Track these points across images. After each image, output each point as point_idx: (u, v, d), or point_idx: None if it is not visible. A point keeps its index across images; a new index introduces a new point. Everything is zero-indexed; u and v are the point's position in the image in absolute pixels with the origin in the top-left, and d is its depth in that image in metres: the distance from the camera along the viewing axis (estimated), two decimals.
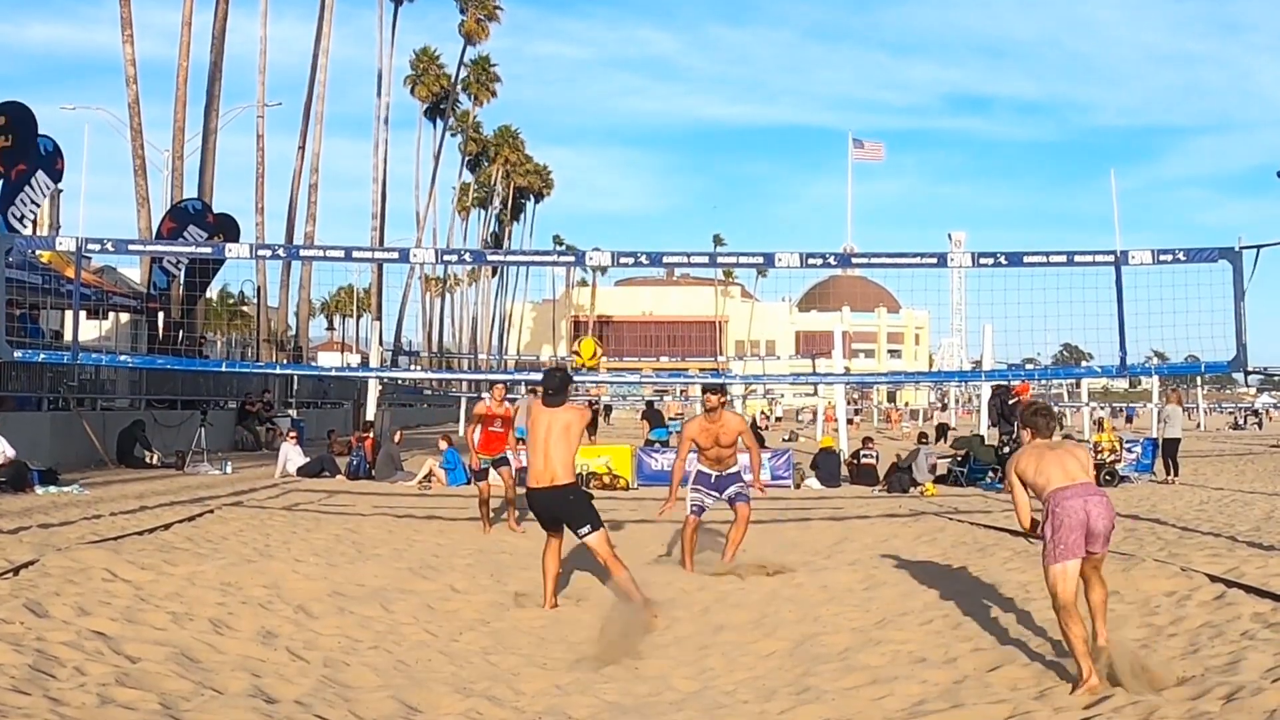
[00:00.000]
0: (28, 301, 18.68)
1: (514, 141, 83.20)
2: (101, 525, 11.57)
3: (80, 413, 20.77)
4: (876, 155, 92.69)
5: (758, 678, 6.42)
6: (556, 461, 8.06)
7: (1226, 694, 5.28)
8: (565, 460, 8.09)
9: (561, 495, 8.11)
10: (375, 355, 30.22)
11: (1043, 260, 11.85)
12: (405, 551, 11.15)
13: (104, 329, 27.77)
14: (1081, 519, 6.02)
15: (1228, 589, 7.82)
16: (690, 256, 14.56)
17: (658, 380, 49.16)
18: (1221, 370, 12.22)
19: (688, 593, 8.99)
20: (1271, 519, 13.29)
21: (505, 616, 8.03)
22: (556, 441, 8.07)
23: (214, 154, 32.36)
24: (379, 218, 49.90)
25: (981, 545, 11.43)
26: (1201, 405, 60.58)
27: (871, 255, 16.34)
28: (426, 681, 6.10)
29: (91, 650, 6.04)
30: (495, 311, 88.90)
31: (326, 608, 7.83)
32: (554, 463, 8.06)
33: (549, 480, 8.08)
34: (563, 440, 8.07)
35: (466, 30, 61.04)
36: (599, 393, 32.61)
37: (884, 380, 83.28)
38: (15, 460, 15.29)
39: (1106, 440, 21.28)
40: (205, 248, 19.55)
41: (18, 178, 20.40)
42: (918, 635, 7.31)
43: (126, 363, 19.78)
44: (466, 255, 29.94)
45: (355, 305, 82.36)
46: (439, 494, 18.16)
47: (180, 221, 26.74)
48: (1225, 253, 11.27)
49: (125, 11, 28.48)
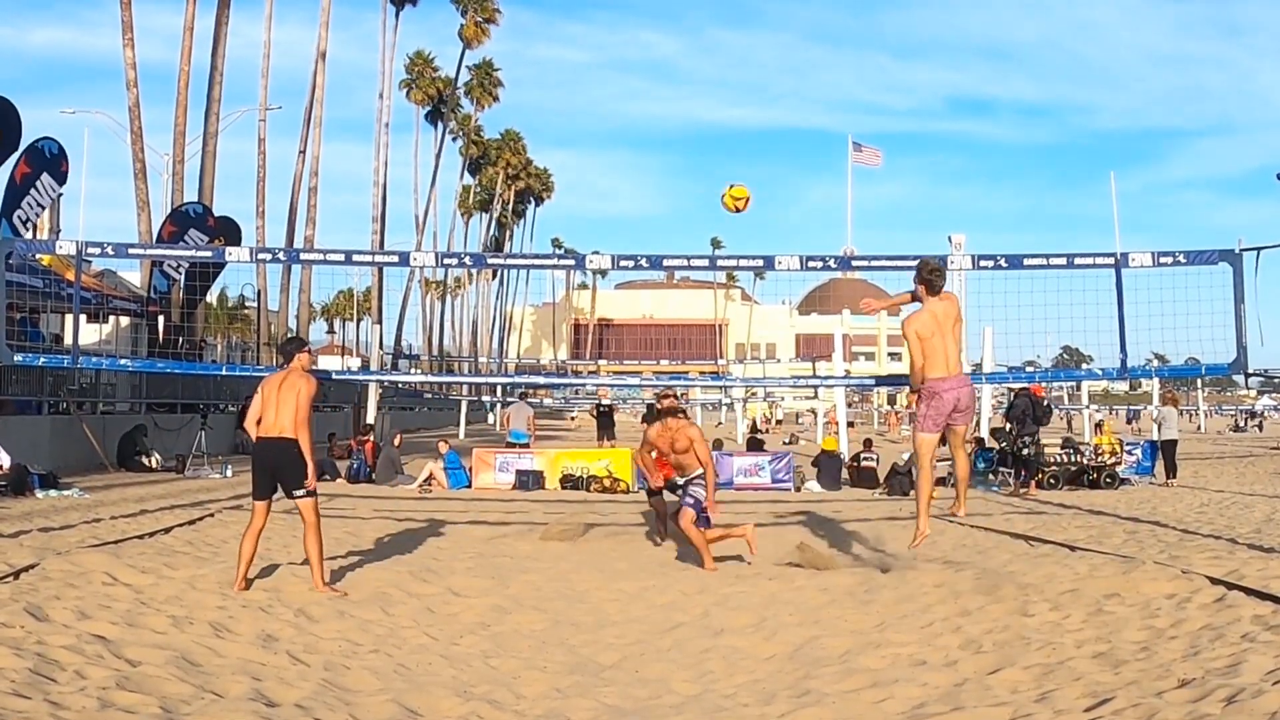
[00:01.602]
0: (28, 305, 18.67)
1: (515, 145, 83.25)
2: (102, 529, 11.58)
3: (80, 416, 20.77)
4: (874, 161, 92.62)
5: (758, 680, 6.41)
6: (285, 418, 8.50)
7: (1227, 696, 5.28)
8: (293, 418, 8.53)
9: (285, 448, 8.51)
10: (375, 358, 30.24)
11: (1043, 263, 11.86)
12: (405, 554, 11.15)
13: (104, 333, 27.80)
14: (951, 404, 8.52)
15: (1228, 591, 7.82)
16: (690, 259, 14.57)
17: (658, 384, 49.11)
18: (1222, 372, 12.22)
19: (688, 595, 8.99)
20: (1272, 521, 13.29)
21: (506, 620, 8.03)
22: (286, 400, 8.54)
23: (214, 158, 32.39)
24: (379, 221, 49.92)
25: (982, 548, 11.43)
26: (1202, 407, 60.58)
27: (871, 258, 16.34)
28: (427, 685, 6.10)
29: (92, 654, 6.04)
30: (496, 314, 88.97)
31: (327, 611, 7.83)
32: (283, 418, 8.49)
33: (277, 432, 8.50)
34: (291, 401, 8.55)
35: (466, 35, 61.04)
36: (603, 395, 32.54)
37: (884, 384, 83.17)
38: (15, 465, 15.31)
39: (1106, 442, 21.27)
40: (205, 251, 19.54)
41: (23, 181, 20.42)
42: (918, 638, 7.30)
43: (127, 366, 19.73)
44: (467, 258, 29.94)
45: (355, 309, 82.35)
46: (439, 497, 18.16)
47: (181, 225, 26.77)
48: (1225, 255, 11.27)
49: (126, 15, 28.51)
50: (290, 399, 8.54)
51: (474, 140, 75.63)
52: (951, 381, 8.53)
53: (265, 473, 8.63)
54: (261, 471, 8.65)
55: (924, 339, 8.48)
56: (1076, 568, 9.37)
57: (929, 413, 8.59)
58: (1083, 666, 6.19)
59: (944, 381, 8.51)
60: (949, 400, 8.50)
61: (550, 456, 21.43)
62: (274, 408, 8.57)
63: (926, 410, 8.61)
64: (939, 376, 8.50)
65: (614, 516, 15.48)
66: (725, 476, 20.88)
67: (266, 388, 8.69)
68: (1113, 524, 13.21)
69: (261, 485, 8.66)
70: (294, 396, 8.55)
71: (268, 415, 8.58)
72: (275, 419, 8.54)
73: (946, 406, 8.51)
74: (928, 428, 8.66)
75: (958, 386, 8.57)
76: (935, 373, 8.50)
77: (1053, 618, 7.59)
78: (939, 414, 8.53)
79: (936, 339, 8.50)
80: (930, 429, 8.64)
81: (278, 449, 8.55)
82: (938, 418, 8.55)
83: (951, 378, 8.54)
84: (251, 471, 8.79)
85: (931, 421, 8.59)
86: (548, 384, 46.67)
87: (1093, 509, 15.36)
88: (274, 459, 8.58)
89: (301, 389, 8.60)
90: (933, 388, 8.52)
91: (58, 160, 21.55)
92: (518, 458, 21.19)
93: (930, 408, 8.55)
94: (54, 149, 21.43)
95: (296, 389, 8.59)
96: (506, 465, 20.71)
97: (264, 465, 8.63)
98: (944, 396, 8.49)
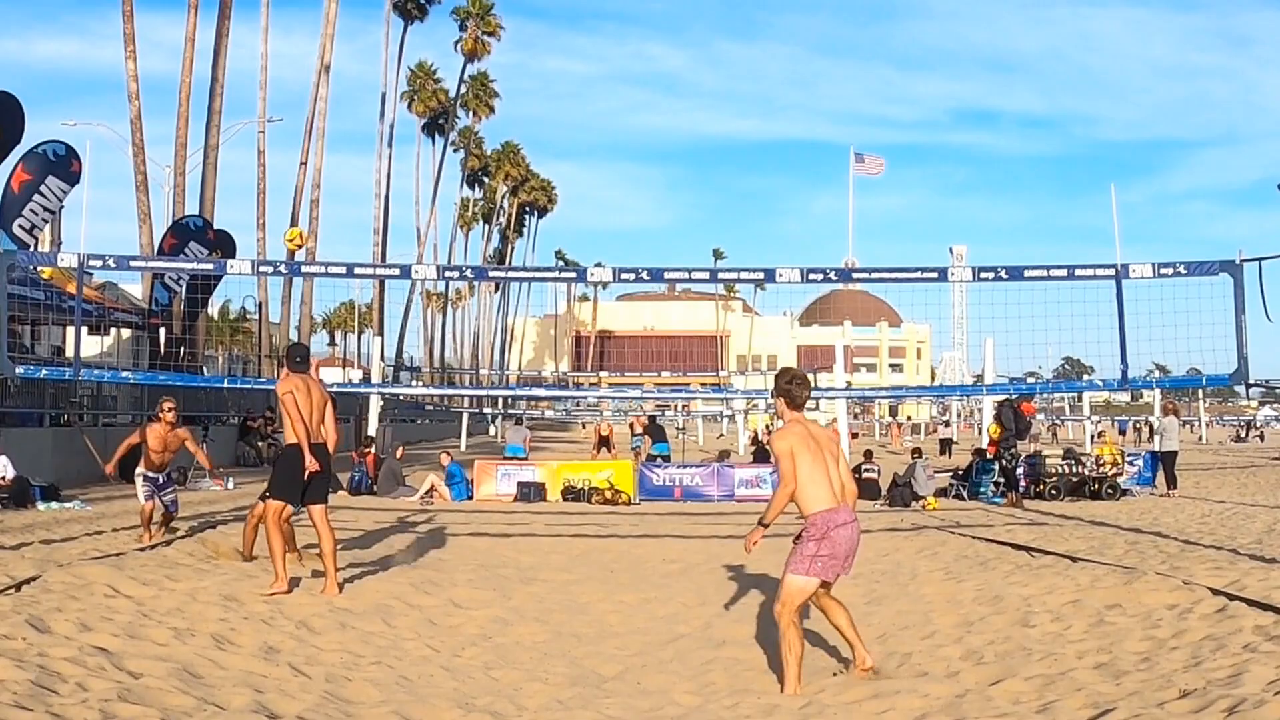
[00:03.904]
0: (29, 317, 18.70)
1: (515, 157, 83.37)
2: (103, 541, 11.58)
3: (82, 428, 20.78)
4: (876, 170, 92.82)
5: (759, 692, 6.41)
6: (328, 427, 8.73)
7: (1229, 706, 5.28)
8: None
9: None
10: (377, 371, 30.22)
11: (1043, 274, 11.89)
12: (407, 566, 11.14)
13: (105, 345, 27.81)
14: (846, 550, 6.31)
15: (1230, 602, 7.82)
16: (691, 272, 14.63)
17: (660, 396, 49.22)
18: (1223, 383, 12.24)
19: (689, 607, 8.99)
20: (1273, 532, 13.28)
21: (507, 632, 8.03)
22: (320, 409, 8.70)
23: (215, 169, 32.46)
24: (381, 233, 50.01)
25: (983, 559, 11.42)
26: (1203, 418, 60.53)
27: (872, 270, 16.38)
28: (428, 697, 6.10)
29: (93, 666, 6.04)
30: (497, 326, 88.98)
31: (328, 623, 7.83)
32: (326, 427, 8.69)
33: (322, 438, 8.68)
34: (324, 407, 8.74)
35: (467, 49, 61.23)
36: (604, 407, 32.55)
37: (885, 395, 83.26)
38: (17, 477, 15.32)
39: (1108, 453, 21.25)
40: (207, 264, 19.58)
41: (22, 189, 20.35)
42: (920, 648, 7.31)
43: (128, 379, 19.79)
44: (468, 271, 29.97)
45: (357, 321, 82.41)
46: (441, 509, 18.15)
47: (182, 238, 26.80)
48: (1226, 266, 11.30)
49: (128, 28, 28.62)
50: (321, 406, 8.68)
51: (474, 153, 75.76)
52: (844, 515, 6.28)
53: (312, 478, 8.69)
54: (309, 477, 8.69)
55: (798, 456, 6.23)
56: (1078, 579, 9.37)
57: (820, 553, 6.20)
58: (1084, 677, 6.20)
59: (836, 514, 6.25)
60: (844, 542, 6.26)
61: (552, 468, 21.43)
62: (313, 415, 8.64)
63: (817, 550, 6.20)
64: (828, 509, 6.23)
65: (615, 528, 15.48)
66: (728, 488, 20.90)
67: (298, 394, 8.66)
68: (1114, 535, 13.20)
69: (302, 491, 8.70)
70: (324, 404, 8.71)
71: (313, 422, 8.65)
72: (318, 426, 8.66)
73: (842, 549, 6.25)
74: (814, 571, 6.24)
75: (852, 523, 6.33)
76: (825, 504, 6.23)
77: (1054, 628, 7.59)
78: (834, 557, 6.23)
79: (819, 459, 6.29)
80: (816, 573, 6.25)
81: (326, 455, 8.69)
82: (830, 563, 6.24)
83: (843, 510, 6.30)
84: (294, 477, 8.75)
85: (822, 565, 6.23)
86: (549, 396, 46.70)
87: (1094, 520, 15.35)
88: (325, 465, 8.67)
89: (325, 395, 8.80)
90: (825, 523, 6.21)
91: (66, 161, 21.45)
92: (519, 470, 21.19)
93: (822, 548, 6.20)
94: (60, 150, 21.35)
95: (325, 398, 8.77)
96: (508, 477, 20.70)
97: (318, 472, 8.70)
98: (839, 535, 6.23)
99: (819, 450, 6.31)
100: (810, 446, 6.27)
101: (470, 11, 60.95)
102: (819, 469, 6.25)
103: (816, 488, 6.23)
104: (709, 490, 20.94)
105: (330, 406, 8.73)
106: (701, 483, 21.13)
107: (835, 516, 6.23)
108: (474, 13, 61.02)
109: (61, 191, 21.54)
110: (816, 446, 6.31)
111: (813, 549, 6.21)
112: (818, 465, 6.25)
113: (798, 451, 6.22)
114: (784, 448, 6.24)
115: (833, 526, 6.21)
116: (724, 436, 52.70)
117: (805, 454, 6.23)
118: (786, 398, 6.45)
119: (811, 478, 6.23)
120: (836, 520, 6.22)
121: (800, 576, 6.25)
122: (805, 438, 6.29)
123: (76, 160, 21.88)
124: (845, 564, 6.33)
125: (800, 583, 6.25)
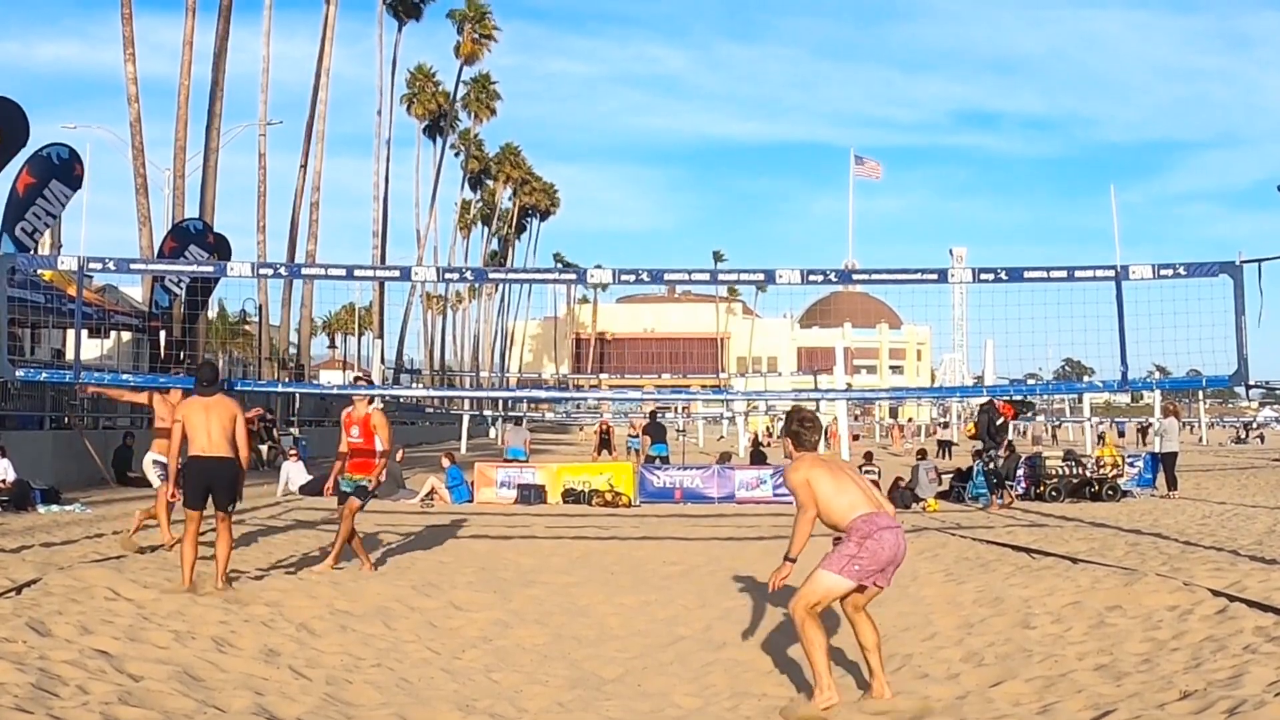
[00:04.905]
0: (30, 320, 18.69)
1: (515, 159, 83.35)
2: (104, 544, 11.58)
3: (82, 431, 20.78)
4: (874, 173, 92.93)
5: (760, 694, 6.42)
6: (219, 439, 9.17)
7: (1229, 708, 5.28)
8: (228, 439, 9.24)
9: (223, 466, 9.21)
10: (377, 373, 30.25)
11: (1043, 275, 11.88)
12: (407, 569, 11.14)
13: (106, 347, 27.82)
14: (891, 554, 5.88)
15: (1230, 603, 7.81)
16: (691, 274, 14.61)
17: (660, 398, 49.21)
18: (1223, 384, 12.23)
19: (690, 609, 8.99)
20: (1274, 533, 13.28)
21: (508, 634, 8.03)
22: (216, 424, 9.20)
23: (215, 172, 32.47)
24: (381, 235, 50.02)
25: (984, 560, 11.42)
26: (1203, 419, 60.50)
27: (872, 271, 16.38)
28: (429, 699, 6.10)
29: (94, 669, 6.04)
30: (497, 329, 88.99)
31: (329, 625, 7.84)
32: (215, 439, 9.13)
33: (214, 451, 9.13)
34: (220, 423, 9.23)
35: (463, 52, 61.21)
36: (604, 409, 32.55)
37: (885, 396, 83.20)
38: (18, 480, 15.32)
39: (1108, 455, 21.26)
40: (207, 266, 19.54)
41: (26, 192, 20.37)
42: (920, 650, 7.31)
43: (128, 381, 19.70)
44: (468, 273, 29.98)
45: (357, 323, 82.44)
46: (441, 511, 18.15)
47: (181, 241, 26.81)
48: (1226, 267, 11.29)
49: (127, 30, 28.63)
50: (227, 423, 9.24)
51: (474, 155, 75.78)
52: (887, 519, 5.88)
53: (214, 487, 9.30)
54: (209, 486, 9.27)
55: (816, 482, 5.87)
56: (1079, 580, 9.37)
57: (860, 555, 5.76)
58: (1085, 679, 6.20)
59: (879, 516, 5.86)
60: (889, 547, 5.82)
61: (552, 471, 21.41)
62: (211, 432, 9.16)
63: (858, 551, 5.76)
64: (869, 512, 5.85)
65: (615, 530, 15.48)
66: (728, 490, 20.89)
67: (194, 417, 9.20)
68: (1115, 536, 13.20)
69: (203, 498, 9.21)
70: (231, 419, 9.26)
71: (211, 439, 9.15)
72: (219, 441, 9.20)
73: (885, 554, 5.81)
74: (850, 573, 5.78)
75: (897, 528, 5.91)
76: (863, 508, 5.85)
77: (1055, 630, 7.59)
78: (874, 562, 5.79)
79: (840, 477, 5.98)
80: (851, 575, 5.79)
81: (230, 468, 9.31)
82: (870, 566, 5.79)
83: (885, 515, 5.91)
84: (191, 488, 9.21)
85: (860, 567, 5.78)
86: (549, 398, 46.68)
87: (1094, 521, 15.35)
88: (227, 476, 9.32)
89: (232, 412, 9.37)
90: (868, 525, 5.80)
91: (69, 165, 21.48)
92: (519, 472, 21.18)
93: (864, 549, 5.77)
94: (63, 154, 21.38)
95: (233, 414, 9.32)
96: (509, 480, 20.69)
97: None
98: (883, 538, 5.80)
99: (839, 470, 6.05)
100: (829, 469, 5.96)
101: (467, 15, 60.96)
102: (843, 483, 5.91)
103: (845, 497, 5.86)
104: (710, 492, 20.92)
105: (240, 421, 9.30)
106: (702, 485, 21.11)
107: (878, 519, 5.80)
108: (470, 16, 61.03)
109: (64, 196, 21.56)
110: (836, 468, 6.04)
111: (853, 549, 5.76)
112: (841, 481, 5.91)
113: (814, 478, 5.85)
114: (798, 479, 5.88)
115: (877, 528, 5.76)
116: (724, 439, 52.70)
117: (824, 477, 5.88)
118: (795, 440, 6.10)
119: (838, 491, 5.86)
120: (880, 523, 5.79)
121: (832, 574, 5.77)
122: (819, 463, 5.98)
123: (79, 164, 21.92)
124: (885, 574, 5.84)
125: (831, 581, 5.77)
